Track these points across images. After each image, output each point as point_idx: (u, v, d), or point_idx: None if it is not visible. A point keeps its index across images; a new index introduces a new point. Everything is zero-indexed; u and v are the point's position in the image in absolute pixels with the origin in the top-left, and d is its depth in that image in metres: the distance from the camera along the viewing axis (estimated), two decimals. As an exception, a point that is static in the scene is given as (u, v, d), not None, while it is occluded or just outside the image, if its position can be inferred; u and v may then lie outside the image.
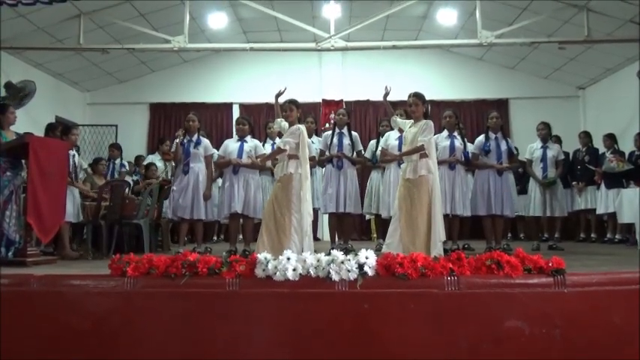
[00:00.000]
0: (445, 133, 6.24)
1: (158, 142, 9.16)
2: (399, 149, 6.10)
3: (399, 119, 5.41)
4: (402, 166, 5.07)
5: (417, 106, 4.96)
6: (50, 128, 6.15)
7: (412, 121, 5.08)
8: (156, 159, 8.50)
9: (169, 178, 7.33)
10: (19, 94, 7.39)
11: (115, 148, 8.59)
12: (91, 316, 3.03)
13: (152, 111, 11.05)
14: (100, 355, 2.99)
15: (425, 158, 4.83)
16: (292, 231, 4.63)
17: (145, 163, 8.61)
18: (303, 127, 4.94)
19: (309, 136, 6.51)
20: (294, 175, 4.73)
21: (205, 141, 6.10)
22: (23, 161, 4.90)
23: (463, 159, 6.14)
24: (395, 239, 4.82)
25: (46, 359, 3.00)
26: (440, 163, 6.04)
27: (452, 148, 6.11)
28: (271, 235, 4.65)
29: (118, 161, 8.43)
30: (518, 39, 8.27)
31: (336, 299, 3.00)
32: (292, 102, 5.04)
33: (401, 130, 5.60)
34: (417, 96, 4.97)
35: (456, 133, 6.22)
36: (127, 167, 8.48)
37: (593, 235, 8.23)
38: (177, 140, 5.91)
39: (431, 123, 4.92)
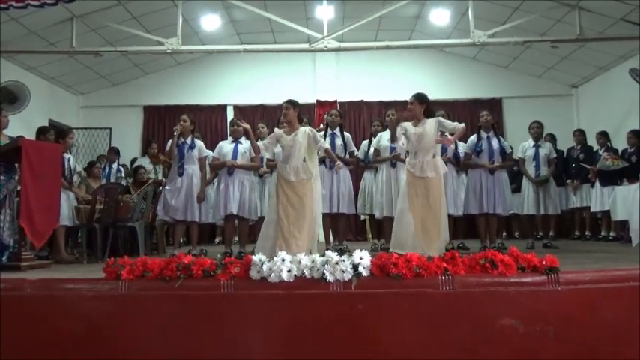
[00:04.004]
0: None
1: (145, 146, 9.11)
2: (392, 150, 6.13)
3: (402, 125, 5.34)
4: (409, 163, 5.09)
5: (413, 105, 5.15)
6: (41, 132, 6.11)
7: (409, 123, 5.20)
8: (145, 162, 8.48)
9: (160, 179, 7.31)
10: (9, 96, 7.36)
11: (114, 153, 8.57)
12: (85, 320, 3.03)
13: (146, 113, 11.03)
14: (94, 359, 2.99)
15: (438, 157, 5.06)
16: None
17: (134, 166, 8.60)
18: (277, 130, 5.15)
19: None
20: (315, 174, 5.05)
21: (199, 143, 6.10)
22: (17, 165, 4.88)
23: (454, 159, 6.16)
24: (408, 240, 4.82)
25: (41, 363, 3.00)
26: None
27: (443, 148, 6.12)
28: (296, 240, 4.72)
29: (114, 165, 8.41)
30: (510, 38, 8.27)
31: (330, 300, 3.01)
32: (289, 101, 5.14)
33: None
34: (415, 96, 5.18)
35: (447, 133, 6.23)
36: (123, 172, 8.46)
37: (587, 233, 8.25)
38: (175, 134, 5.88)
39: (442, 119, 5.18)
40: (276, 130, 5.16)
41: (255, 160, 6.10)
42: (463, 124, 5.17)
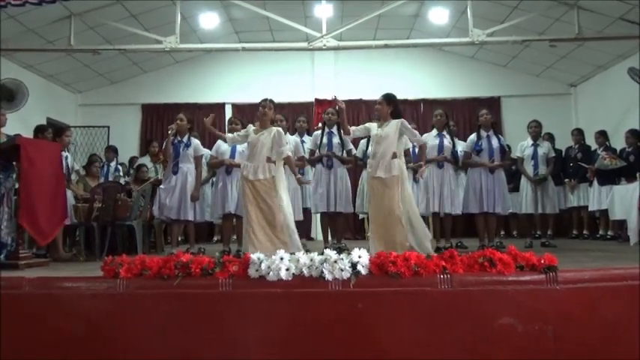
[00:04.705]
0: (434, 131, 6.26)
1: (144, 144, 9.09)
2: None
3: (366, 125, 5.36)
4: (368, 163, 5.13)
5: (381, 105, 5.13)
6: (39, 130, 6.09)
7: (374, 124, 5.21)
8: (146, 161, 8.47)
9: (160, 178, 7.31)
10: (7, 95, 7.34)
11: (112, 151, 8.55)
12: (83, 319, 3.02)
13: (144, 112, 11.02)
14: (92, 358, 2.98)
15: (396, 159, 4.94)
16: (286, 228, 4.75)
17: (136, 164, 8.58)
18: (250, 125, 5.18)
19: (301, 135, 6.54)
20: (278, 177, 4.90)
21: (195, 142, 6.07)
22: (14, 163, 4.86)
23: (452, 158, 6.17)
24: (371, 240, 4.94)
25: (38, 362, 2.99)
26: (428, 161, 6.09)
27: (440, 146, 6.14)
28: (268, 234, 4.68)
29: (113, 164, 8.40)
30: (509, 37, 8.29)
31: (329, 299, 3.00)
32: (271, 100, 5.13)
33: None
34: (383, 96, 5.16)
35: (445, 132, 6.25)
36: (121, 171, 8.44)
37: (585, 232, 8.25)
38: (170, 132, 5.87)
39: (406, 122, 5.13)
40: (249, 125, 5.18)
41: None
42: (425, 141, 5.32)
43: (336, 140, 6.19)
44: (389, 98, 5.14)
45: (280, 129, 5.05)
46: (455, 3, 8.93)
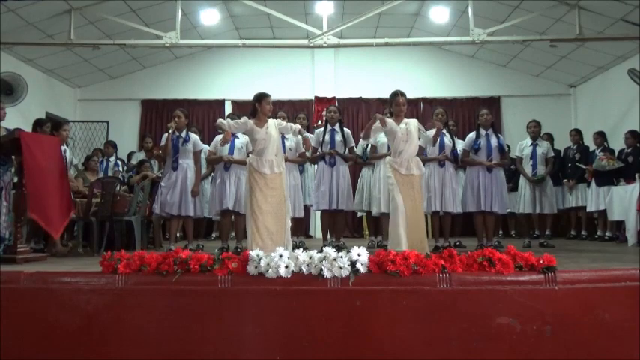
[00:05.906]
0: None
1: (141, 140, 9.07)
2: (389, 147, 6.11)
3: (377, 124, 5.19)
4: (394, 162, 4.94)
5: (405, 105, 5.18)
6: (38, 124, 6.07)
7: (391, 120, 5.13)
8: (141, 156, 8.47)
9: (158, 174, 7.30)
10: (6, 88, 7.32)
11: (111, 146, 8.54)
12: (81, 314, 3.02)
13: (144, 107, 10.98)
14: (90, 353, 2.98)
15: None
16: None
17: (134, 160, 8.57)
18: (248, 120, 5.11)
19: (301, 133, 6.54)
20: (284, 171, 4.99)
21: (194, 137, 6.04)
22: (13, 157, 4.85)
23: (452, 157, 6.17)
24: (404, 238, 4.68)
25: (36, 358, 2.98)
26: (429, 160, 6.09)
27: (441, 145, 6.13)
28: (271, 234, 4.64)
29: (112, 159, 8.39)
30: (510, 37, 8.30)
31: (328, 296, 3.01)
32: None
33: None
34: (405, 94, 5.21)
35: (445, 131, 6.23)
36: (120, 167, 8.43)
37: (583, 233, 8.25)
38: (170, 130, 5.86)
39: None
40: (246, 119, 5.02)
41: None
42: (430, 136, 5.35)
43: (338, 138, 6.18)
44: None
45: (273, 118, 5.12)
46: (456, 2, 8.93)
